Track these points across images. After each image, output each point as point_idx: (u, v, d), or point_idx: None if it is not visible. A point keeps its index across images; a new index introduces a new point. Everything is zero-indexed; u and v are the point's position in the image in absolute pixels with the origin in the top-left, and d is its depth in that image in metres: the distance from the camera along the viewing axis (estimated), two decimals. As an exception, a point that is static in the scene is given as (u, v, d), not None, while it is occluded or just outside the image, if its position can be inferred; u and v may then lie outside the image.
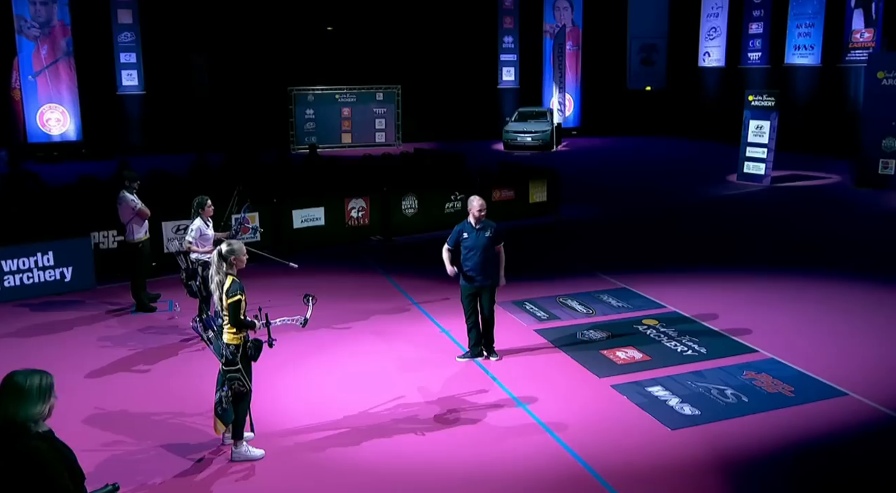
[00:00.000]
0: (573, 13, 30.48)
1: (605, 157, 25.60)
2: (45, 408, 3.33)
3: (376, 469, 5.96)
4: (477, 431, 6.58)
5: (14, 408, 3.25)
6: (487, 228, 7.92)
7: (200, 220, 8.65)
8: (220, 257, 5.93)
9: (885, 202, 16.90)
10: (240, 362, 5.95)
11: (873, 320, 9.28)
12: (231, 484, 5.81)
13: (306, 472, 5.97)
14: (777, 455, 6.15)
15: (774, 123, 19.08)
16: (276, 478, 5.88)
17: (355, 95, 27.22)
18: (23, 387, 3.28)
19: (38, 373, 3.36)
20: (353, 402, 7.11)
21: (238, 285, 5.86)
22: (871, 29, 23.22)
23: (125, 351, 8.47)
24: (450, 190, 14.41)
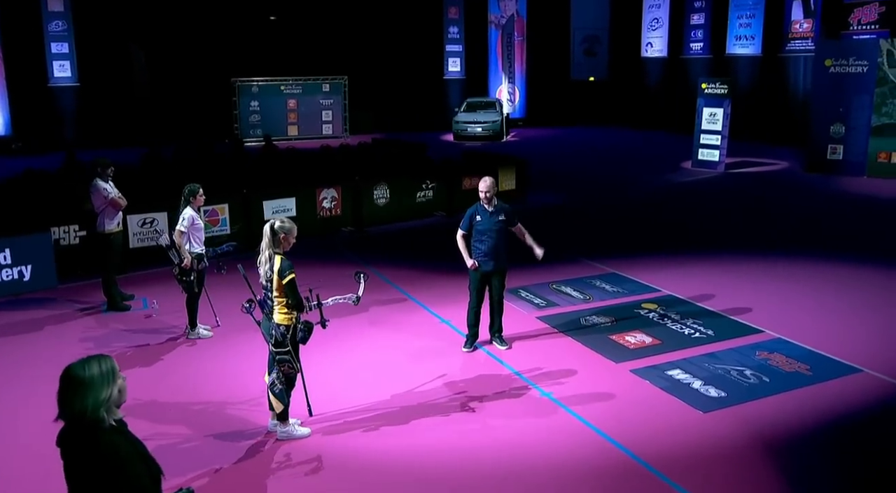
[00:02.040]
0: (517, 3, 30.47)
1: (556, 146, 25.65)
2: (113, 391, 3.01)
3: (408, 466, 5.64)
4: (507, 422, 6.31)
5: (80, 401, 2.94)
6: (500, 212, 7.70)
7: (191, 209, 8.04)
8: (272, 232, 5.75)
9: (836, 186, 17.37)
10: (289, 343, 5.78)
11: (863, 296, 9.42)
12: (287, 469, 5.44)
13: (346, 469, 5.61)
14: (812, 433, 6.09)
15: (727, 110, 19.41)
16: (315, 471, 5.50)
17: (301, 86, 26.55)
18: (83, 378, 2.96)
19: (96, 358, 3.05)
20: (367, 396, 6.77)
21: (289, 264, 5.71)
22: (810, 19, 23.90)
23: (115, 351, 7.88)
24: (421, 179, 14.08)
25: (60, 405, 2.96)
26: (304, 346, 5.99)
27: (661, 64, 29.88)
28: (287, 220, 5.94)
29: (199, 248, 8.09)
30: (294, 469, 5.64)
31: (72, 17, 23.88)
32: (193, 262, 8.00)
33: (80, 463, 2.95)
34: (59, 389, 2.96)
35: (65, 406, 2.94)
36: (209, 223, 11.64)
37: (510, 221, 7.76)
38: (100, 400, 2.94)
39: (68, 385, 2.94)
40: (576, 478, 5.45)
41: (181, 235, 7.93)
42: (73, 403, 2.92)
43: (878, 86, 17.89)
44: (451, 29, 29.85)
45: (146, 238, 11.17)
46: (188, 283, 8.07)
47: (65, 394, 2.94)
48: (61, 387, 2.96)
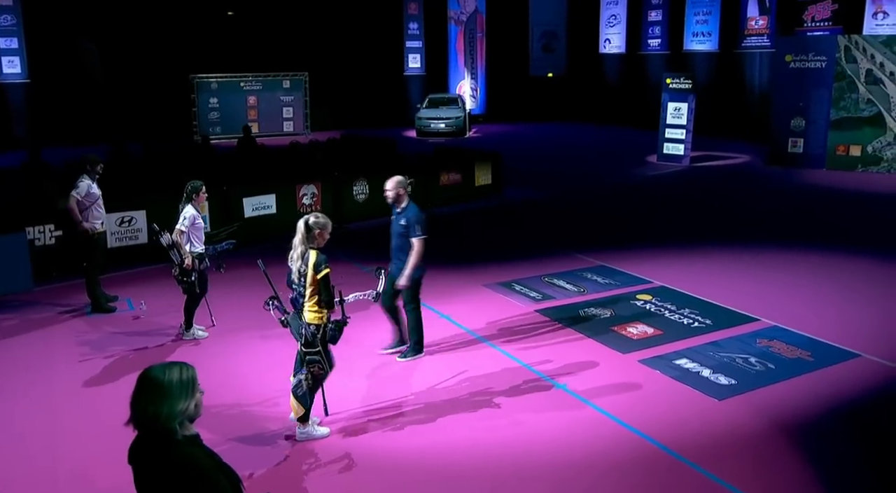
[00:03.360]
0: (477, 0, 30.47)
1: (520, 142, 25.74)
2: (190, 404, 2.83)
3: (431, 464, 5.55)
4: (526, 416, 6.27)
5: (155, 407, 2.75)
6: (404, 217, 7.12)
7: (193, 207, 7.79)
8: (307, 227, 5.67)
9: (798, 178, 17.82)
10: (319, 343, 5.65)
11: (847, 283, 9.67)
12: (317, 470, 5.29)
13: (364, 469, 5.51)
14: (824, 416, 6.22)
15: (692, 104, 19.74)
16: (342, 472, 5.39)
17: (261, 82, 26.13)
18: (161, 382, 2.78)
19: (178, 365, 2.87)
20: (377, 395, 6.67)
21: (324, 258, 5.62)
22: (765, 16, 24.47)
23: (116, 354, 7.62)
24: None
25: (133, 407, 2.79)
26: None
27: (619, 60, 30.25)
28: (321, 215, 5.86)
29: (199, 247, 7.86)
30: (324, 470, 5.51)
31: (21, 12, 23.05)
32: (194, 262, 7.75)
33: (156, 476, 2.77)
34: (135, 390, 2.80)
35: (137, 409, 2.77)
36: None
37: (410, 228, 7.05)
38: (175, 410, 2.76)
39: (144, 387, 2.77)
40: (604, 469, 5.45)
41: (181, 235, 7.67)
42: (146, 406, 2.74)
43: (836, 81, 18.39)
44: (410, 25, 29.74)
45: (125, 237, 10.85)
46: (189, 283, 7.82)
47: (139, 396, 2.77)
48: (137, 388, 2.79)
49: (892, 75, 17.72)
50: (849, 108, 18.34)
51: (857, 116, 18.27)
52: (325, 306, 5.63)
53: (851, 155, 18.48)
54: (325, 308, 5.63)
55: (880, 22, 21.12)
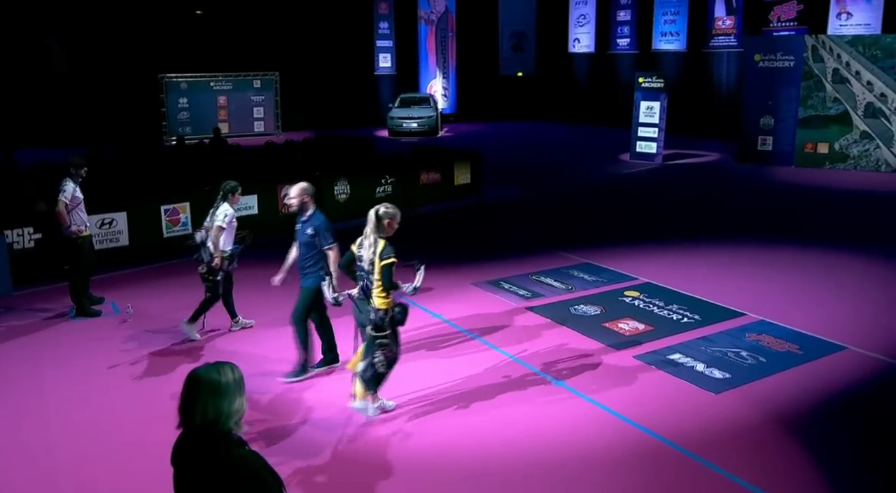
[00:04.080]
0: (447, 0, 30.52)
1: (492, 140, 25.82)
2: (243, 402, 2.82)
3: (428, 464, 5.57)
4: (528, 413, 6.32)
5: (214, 407, 2.72)
6: (310, 225, 6.76)
7: (230, 206, 7.80)
8: (377, 217, 5.91)
9: (769, 175, 18.16)
10: (389, 326, 5.86)
11: (826, 277, 9.90)
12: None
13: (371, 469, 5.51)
14: (818, 407, 6.36)
15: (664, 103, 20.00)
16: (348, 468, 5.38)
17: (231, 82, 25.87)
18: (219, 382, 2.74)
19: (227, 365, 2.84)
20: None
21: (391, 249, 5.82)
22: (732, 16, 24.87)
23: (108, 359, 7.49)
24: (380, 173, 13.95)
25: (185, 411, 2.74)
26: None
27: (588, 59, 30.52)
28: (391, 205, 6.07)
29: (230, 247, 7.88)
30: (328, 472, 5.49)
31: (-16, 11, 22.55)
32: (223, 261, 7.75)
33: (208, 477, 2.72)
34: (186, 394, 2.74)
35: (192, 413, 2.72)
36: (170, 223, 11.28)
37: (316, 237, 6.71)
38: (232, 409, 2.74)
39: (201, 388, 2.72)
40: (612, 465, 5.51)
41: (220, 232, 7.67)
42: (205, 409, 2.70)
43: (804, 79, 18.78)
44: (381, 25, 29.67)
45: (105, 240, 10.68)
46: (214, 282, 7.82)
47: (195, 397, 2.72)
48: (189, 391, 2.74)
49: (857, 75, 18.14)
50: (816, 106, 18.73)
51: (825, 114, 18.67)
52: (385, 290, 5.80)
53: (819, 152, 18.89)
54: (382, 293, 5.81)
55: (844, 22, 21.60)
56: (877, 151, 18.26)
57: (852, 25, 21.34)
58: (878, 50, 17.94)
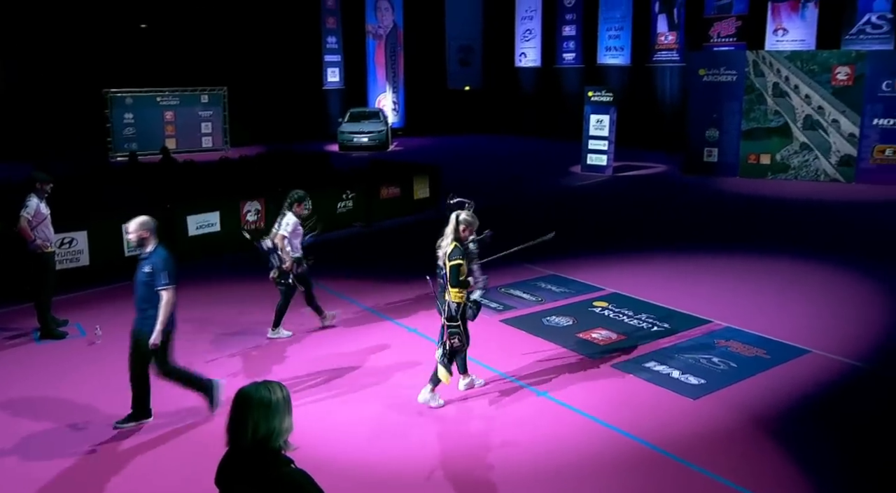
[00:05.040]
0: (394, 14, 30.68)
1: (442, 154, 25.92)
2: (291, 420, 2.85)
3: (424, 477, 5.63)
4: (513, 425, 6.42)
5: (266, 425, 2.75)
6: (148, 262, 6.18)
7: (292, 216, 8.26)
8: (457, 221, 6.56)
9: (715, 186, 18.74)
10: (459, 318, 6.43)
11: (782, 283, 10.28)
12: None
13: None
14: (791, 408, 6.63)
15: (613, 116, 20.46)
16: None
17: (178, 97, 25.45)
18: (269, 400, 2.78)
19: (275, 383, 2.89)
20: (359, 409, 6.67)
21: (459, 251, 6.43)
22: (675, 32, 25.63)
23: (80, 382, 7.31)
24: (341, 188, 13.93)
25: (235, 430, 2.75)
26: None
27: (535, 73, 31.01)
28: (472, 215, 6.71)
29: (298, 252, 8.28)
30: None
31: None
32: (293, 265, 8.16)
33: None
34: (236, 412, 2.76)
35: (243, 431, 2.73)
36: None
37: (153, 280, 6.11)
38: (283, 427, 2.77)
39: (251, 407, 2.74)
40: (605, 473, 5.65)
41: (283, 239, 8.08)
42: (256, 427, 2.71)
43: (746, 93, 19.47)
44: (329, 39, 29.63)
45: (65, 260, 10.42)
46: (287, 285, 8.26)
47: (244, 417, 2.73)
48: (239, 410, 2.75)
49: (796, 88, 18.89)
50: (758, 119, 19.43)
51: (766, 126, 19.38)
52: (452, 287, 6.38)
53: (762, 163, 19.57)
54: (453, 288, 6.37)
55: (780, 38, 22.49)
56: (816, 161, 19.02)
57: (788, 41, 22.24)
58: (814, 65, 18.73)
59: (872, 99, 18.23)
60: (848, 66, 18.42)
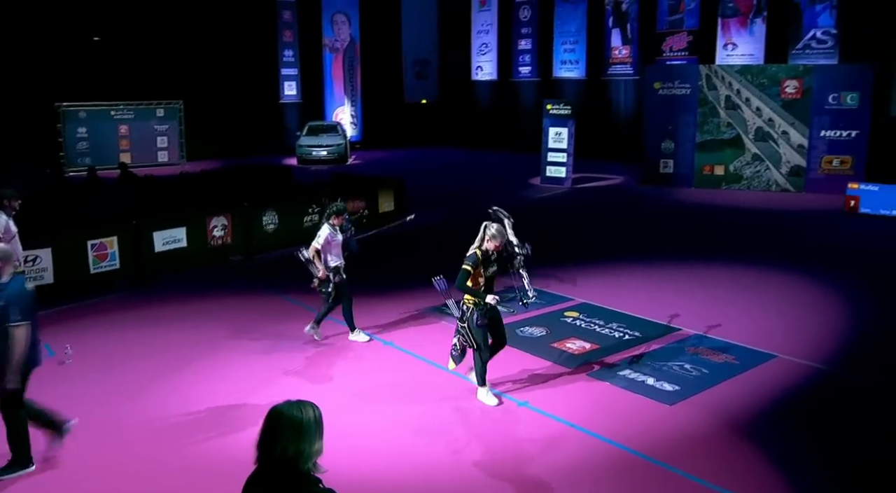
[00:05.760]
0: (351, 28, 30.74)
1: (402, 167, 25.97)
2: (322, 443, 2.86)
3: (408, 490, 5.69)
4: (496, 434, 6.52)
5: (295, 446, 2.76)
6: (3, 296, 5.54)
7: (328, 226, 8.51)
8: (484, 231, 6.84)
9: (672, 196, 19.17)
10: (467, 322, 6.86)
11: (742, 289, 10.59)
12: None
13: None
14: (764, 411, 6.87)
15: (572, 129, 20.81)
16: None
17: (133, 111, 25.10)
18: (300, 421, 2.78)
19: (308, 403, 2.89)
20: (337, 425, 6.70)
21: (473, 257, 6.77)
22: (628, 46, 26.18)
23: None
24: (306, 203, 13.91)
25: (267, 447, 2.75)
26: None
27: (491, 86, 31.33)
28: (501, 229, 6.93)
29: (336, 261, 8.53)
30: None
31: None
32: (330, 274, 8.45)
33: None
34: (267, 430, 2.76)
35: (272, 449, 2.73)
36: (97, 258, 10.90)
37: (6, 314, 5.47)
38: (313, 449, 2.78)
39: (282, 427, 2.74)
40: (588, 477, 5.78)
41: (315, 252, 8.39)
42: (286, 446, 2.72)
43: (700, 106, 19.99)
44: (286, 52, 29.52)
45: (29, 277, 10.18)
46: (327, 294, 8.56)
47: (276, 435, 2.73)
48: (273, 428, 2.75)
49: (747, 101, 19.48)
50: (712, 131, 19.96)
51: (720, 138, 19.92)
52: (457, 287, 6.80)
53: (716, 174, 20.10)
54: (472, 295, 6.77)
55: (730, 52, 23.16)
56: (767, 172, 19.61)
57: (738, 55, 22.90)
58: (764, 78, 19.35)
59: (819, 111, 18.90)
60: (796, 80, 19.07)
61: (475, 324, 6.87)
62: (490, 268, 6.91)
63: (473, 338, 6.91)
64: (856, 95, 18.61)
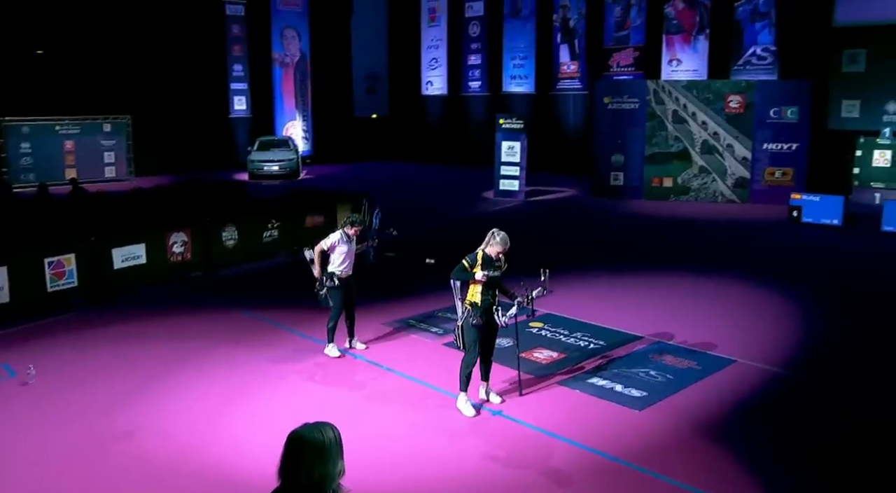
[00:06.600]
0: (301, 42, 30.68)
1: (354, 181, 26.01)
2: (344, 464, 2.90)
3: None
4: (471, 444, 6.63)
5: (321, 469, 2.78)
6: None
7: (341, 233, 8.60)
8: (491, 236, 7.13)
9: (624, 208, 19.64)
10: (463, 322, 7.09)
11: (696, 297, 10.94)
12: None
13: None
14: (728, 414, 7.15)
15: (524, 143, 21.14)
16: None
17: (79, 126, 24.58)
18: (322, 442, 2.80)
19: (327, 425, 2.90)
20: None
21: (472, 257, 7.08)
22: (576, 61, 26.75)
23: (21, 430, 7.02)
24: (266, 218, 13.85)
25: (292, 471, 2.76)
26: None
27: (441, 101, 31.59)
28: (506, 237, 7.15)
29: (336, 268, 8.54)
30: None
31: None
32: (325, 278, 8.49)
33: None
34: (289, 455, 2.78)
35: (298, 475, 2.74)
36: (55, 276, 10.69)
37: None
38: (336, 471, 2.80)
39: (306, 450, 2.75)
40: (565, 482, 5.93)
41: (320, 250, 8.51)
42: (312, 469, 2.73)
43: (648, 120, 20.55)
44: (235, 67, 29.29)
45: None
46: (324, 299, 8.60)
47: (299, 461, 2.74)
48: (293, 453, 2.77)
49: (694, 115, 20.10)
50: (660, 144, 20.53)
51: (668, 151, 20.50)
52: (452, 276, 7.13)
53: (665, 186, 20.66)
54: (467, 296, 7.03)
55: (675, 68, 23.87)
56: (713, 183, 20.24)
57: (682, 71, 23.63)
58: (709, 93, 20.01)
59: (762, 125, 19.63)
60: (739, 95, 19.78)
61: (470, 323, 7.06)
62: (490, 271, 7.08)
63: (464, 338, 7.11)
64: (796, 109, 19.41)
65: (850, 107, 20.55)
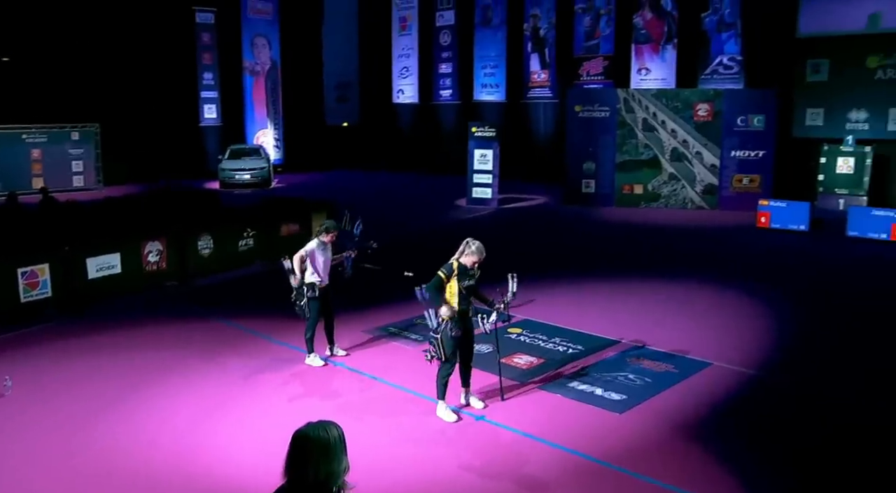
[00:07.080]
0: (271, 51, 30.60)
1: (326, 190, 25.92)
2: (349, 461, 2.95)
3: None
4: (454, 451, 6.69)
5: (326, 467, 2.83)
6: None
7: (317, 242, 8.58)
8: (465, 245, 7.12)
9: (596, 215, 19.85)
10: (440, 332, 7.04)
11: (672, 302, 11.12)
12: None
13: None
14: (706, 415, 7.29)
15: (497, 151, 21.30)
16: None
17: (46, 134, 24.25)
18: (327, 441, 2.85)
19: (330, 423, 2.95)
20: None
21: (447, 267, 7.08)
22: (547, 70, 27.02)
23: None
24: (241, 227, 13.79)
25: (298, 470, 2.80)
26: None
27: (412, 109, 31.67)
28: (482, 247, 7.18)
29: (314, 278, 8.52)
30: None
31: None
32: (304, 287, 8.46)
33: None
34: (295, 454, 2.81)
35: (304, 474, 2.78)
36: (28, 287, 10.55)
37: None
38: (341, 468, 2.85)
39: (311, 449, 2.79)
40: (549, 485, 6.01)
41: (299, 258, 8.48)
42: (317, 469, 2.77)
43: (619, 128, 20.83)
44: (205, 75, 29.11)
45: (-44, 309, 9.80)
46: (301, 309, 8.58)
47: (305, 459, 2.78)
48: (298, 452, 2.81)
49: (663, 123, 20.42)
50: (630, 152, 20.81)
51: (638, 158, 20.79)
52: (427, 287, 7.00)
53: (635, 193, 20.94)
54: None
55: (644, 77, 24.22)
56: (683, 190, 20.56)
57: (651, 80, 23.98)
58: (678, 102, 20.35)
59: (729, 133, 20.01)
60: (707, 103, 20.15)
61: (449, 335, 7.07)
62: (466, 281, 7.12)
63: (444, 349, 7.12)
64: (762, 117, 19.81)
65: (814, 115, 21.02)
